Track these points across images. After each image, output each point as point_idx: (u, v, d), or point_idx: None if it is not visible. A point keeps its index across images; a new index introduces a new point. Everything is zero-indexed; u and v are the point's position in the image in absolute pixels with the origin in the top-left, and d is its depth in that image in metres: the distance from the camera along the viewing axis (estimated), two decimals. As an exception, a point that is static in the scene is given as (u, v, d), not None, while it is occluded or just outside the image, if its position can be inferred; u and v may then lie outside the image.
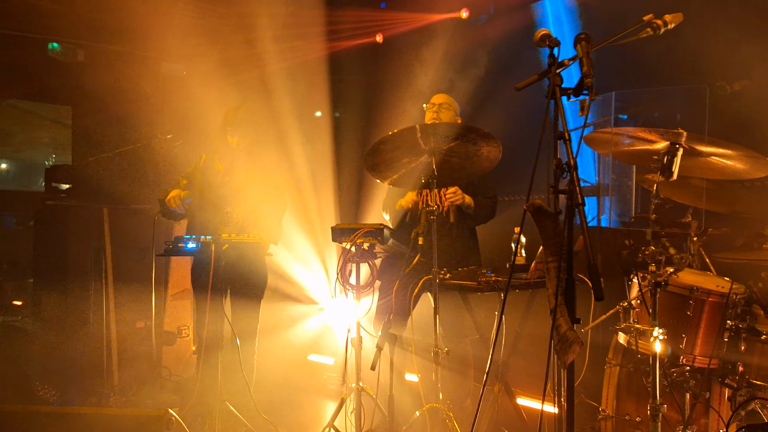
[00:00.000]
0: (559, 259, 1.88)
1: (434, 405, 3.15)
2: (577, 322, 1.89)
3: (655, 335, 2.68)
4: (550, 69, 2.00)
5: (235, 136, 3.92)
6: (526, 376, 4.07)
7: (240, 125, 3.91)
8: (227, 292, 3.78)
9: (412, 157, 3.22)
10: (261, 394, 3.81)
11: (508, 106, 4.70)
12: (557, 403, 2.04)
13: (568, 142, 1.89)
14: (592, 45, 2.01)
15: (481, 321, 3.74)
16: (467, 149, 3.14)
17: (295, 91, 6.10)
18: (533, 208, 1.90)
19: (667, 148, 2.76)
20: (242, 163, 3.98)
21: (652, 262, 2.74)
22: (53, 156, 7.66)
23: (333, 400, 4.88)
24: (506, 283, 3.17)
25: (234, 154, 3.96)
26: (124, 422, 2.88)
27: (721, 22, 3.78)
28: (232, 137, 3.93)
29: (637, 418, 3.08)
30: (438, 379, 3.15)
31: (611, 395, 3.20)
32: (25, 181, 7.87)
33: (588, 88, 1.91)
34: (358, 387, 3.36)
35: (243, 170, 3.97)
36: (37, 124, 7.47)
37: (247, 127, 3.93)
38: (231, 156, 3.97)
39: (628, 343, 3.04)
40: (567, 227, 1.88)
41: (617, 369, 3.20)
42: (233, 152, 3.96)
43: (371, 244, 3.32)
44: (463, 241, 3.94)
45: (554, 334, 1.87)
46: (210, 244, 3.47)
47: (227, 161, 3.97)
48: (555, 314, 1.86)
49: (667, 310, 2.93)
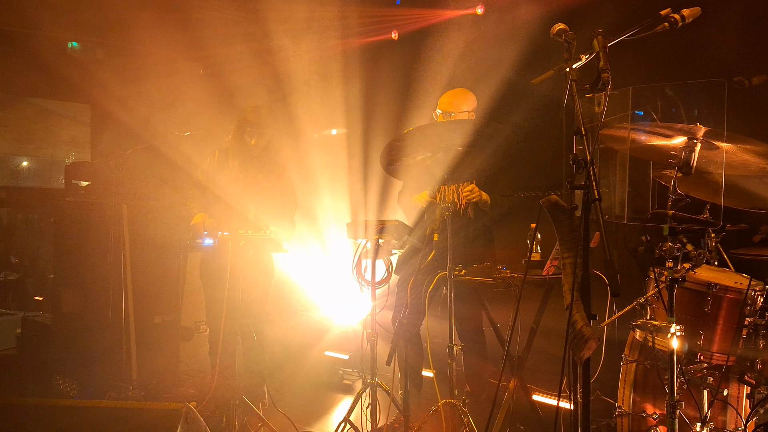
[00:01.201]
0: (575, 254, 1.88)
1: (449, 400, 3.16)
2: (593, 318, 1.89)
3: (672, 332, 2.66)
4: (567, 64, 1.99)
5: (254, 136, 3.93)
6: (542, 373, 4.07)
7: (260, 125, 3.92)
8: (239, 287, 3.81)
9: (427, 154, 3.22)
10: (277, 389, 3.84)
11: (523, 101, 4.68)
12: (573, 400, 2.04)
13: (585, 137, 1.88)
14: (608, 40, 2.00)
15: (497, 317, 3.74)
16: (483, 144, 3.13)
17: (310, 90, 6.12)
18: (549, 204, 1.90)
19: (684, 144, 2.74)
20: (257, 161, 4.01)
21: (669, 259, 2.72)
22: (73, 153, 7.75)
23: (348, 395, 4.90)
24: (521, 280, 3.17)
25: (249, 153, 3.99)
26: (142, 416, 2.92)
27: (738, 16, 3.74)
28: (250, 137, 3.93)
29: (654, 415, 3.07)
30: (453, 375, 3.15)
31: (627, 392, 3.19)
32: (45, 179, 7.97)
33: (605, 82, 1.90)
34: (373, 382, 3.38)
35: (257, 169, 4.00)
36: (56, 122, 7.57)
37: (266, 128, 3.95)
38: (246, 154, 3.99)
39: (644, 340, 3.03)
40: (583, 223, 1.87)
41: (633, 366, 3.19)
42: (249, 150, 3.98)
43: (386, 240, 3.33)
44: (478, 238, 3.94)
45: (570, 330, 1.87)
46: (227, 240, 3.50)
47: (241, 159, 4.00)
48: (571, 310, 1.85)
49: (684, 306, 2.91)
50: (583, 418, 1.95)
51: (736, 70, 3.63)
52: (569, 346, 1.87)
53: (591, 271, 1.93)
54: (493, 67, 5.16)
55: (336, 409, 4.63)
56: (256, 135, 3.93)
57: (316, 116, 6.14)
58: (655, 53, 4.02)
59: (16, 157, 7.80)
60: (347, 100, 6.17)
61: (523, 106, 4.65)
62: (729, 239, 3.27)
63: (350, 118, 6.17)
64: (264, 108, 4.00)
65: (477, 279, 3.37)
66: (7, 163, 7.79)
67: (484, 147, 3.15)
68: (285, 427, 3.77)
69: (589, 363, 1.92)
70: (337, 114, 6.17)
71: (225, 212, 3.88)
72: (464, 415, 3.14)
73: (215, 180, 3.96)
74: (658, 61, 4.14)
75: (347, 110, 6.17)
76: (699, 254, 2.80)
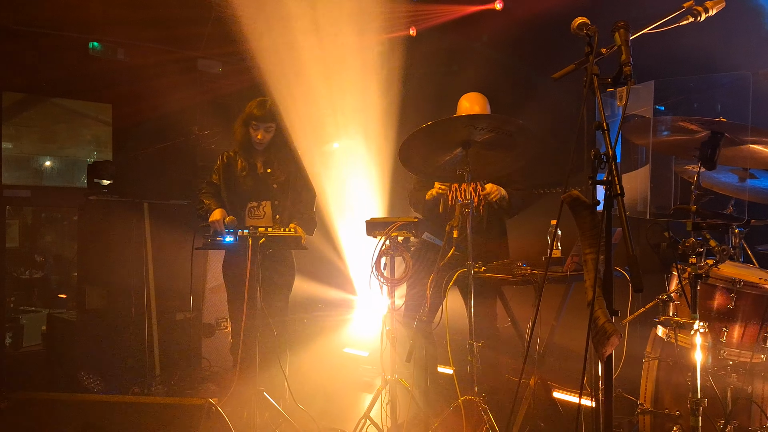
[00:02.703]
0: (596, 250, 1.86)
1: (469, 397, 3.15)
2: (616, 315, 1.87)
3: (695, 328, 2.63)
4: (588, 58, 1.97)
5: (259, 130, 3.93)
6: (562, 370, 4.04)
7: (266, 119, 3.92)
8: (260, 284, 3.83)
9: (446, 150, 3.21)
10: (297, 386, 3.85)
11: (543, 97, 4.65)
12: (595, 397, 2.02)
13: (607, 132, 1.86)
14: (631, 33, 1.98)
15: (517, 314, 3.72)
16: (502, 141, 3.12)
17: (330, 85, 6.13)
18: (570, 199, 1.88)
19: (708, 138, 2.70)
20: (266, 156, 4.02)
21: (692, 255, 2.69)
22: (95, 153, 7.84)
23: (368, 392, 4.91)
24: (542, 276, 3.15)
25: (256, 148, 4.00)
26: (166, 411, 2.94)
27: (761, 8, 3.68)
28: (256, 131, 3.93)
29: (676, 412, 3.03)
30: (473, 372, 3.14)
31: (650, 389, 3.16)
32: (68, 178, 8.07)
33: (627, 76, 1.88)
34: (393, 379, 3.38)
35: (267, 164, 4.02)
36: (79, 122, 7.66)
37: (272, 121, 3.95)
38: (253, 150, 4.01)
39: (667, 337, 3.00)
40: (605, 218, 1.86)
41: (656, 363, 3.16)
42: (256, 146, 3.99)
43: (405, 237, 3.33)
44: (494, 235, 3.92)
45: (592, 326, 1.85)
46: (247, 237, 3.52)
47: (249, 156, 4.01)
48: (593, 306, 1.84)
49: (707, 303, 2.88)
50: (604, 415, 1.94)
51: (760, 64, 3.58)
52: (591, 343, 1.86)
53: (613, 268, 1.91)
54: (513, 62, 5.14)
55: (356, 406, 4.65)
56: (262, 128, 3.93)
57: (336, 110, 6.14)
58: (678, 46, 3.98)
59: (39, 156, 7.91)
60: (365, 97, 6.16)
61: (542, 101, 4.63)
62: (753, 235, 3.23)
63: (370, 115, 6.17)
64: (268, 101, 3.99)
65: (497, 276, 3.35)
66: (31, 163, 7.90)
67: (504, 144, 3.13)
68: (305, 423, 3.78)
69: (611, 360, 1.91)
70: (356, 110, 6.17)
71: (238, 210, 3.90)
72: (484, 411, 3.13)
73: (226, 182, 3.99)
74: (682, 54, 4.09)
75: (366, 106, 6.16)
76: (723, 250, 2.76)
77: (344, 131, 6.19)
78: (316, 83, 6.05)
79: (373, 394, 3.49)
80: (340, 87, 6.19)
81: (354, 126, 6.22)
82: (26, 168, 7.87)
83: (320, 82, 6.06)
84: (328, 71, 6.14)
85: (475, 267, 3.23)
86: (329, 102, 6.09)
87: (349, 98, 6.21)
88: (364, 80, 6.16)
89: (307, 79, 6.02)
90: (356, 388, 5.06)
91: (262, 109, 3.92)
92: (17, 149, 7.60)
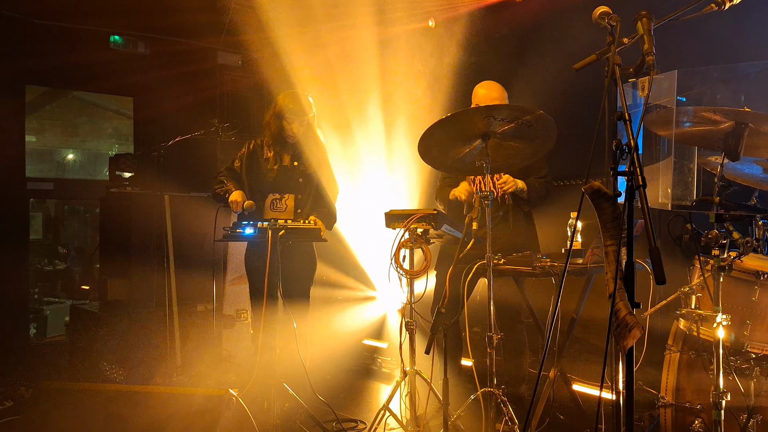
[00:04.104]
0: (618, 242, 1.84)
1: (489, 389, 3.15)
2: (637, 307, 1.85)
3: (718, 321, 2.60)
4: (609, 48, 1.95)
5: (293, 123, 3.94)
6: (582, 363, 4.02)
7: (299, 111, 3.92)
8: (281, 276, 3.85)
9: (465, 142, 3.20)
10: (317, 377, 3.88)
11: (562, 87, 4.61)
12: (615, 390, 2.01)
13: (629, 122, 1.84)
14: (653, 22, 1.95)
15: (537, 306, 3.71)
16: (522, 132, 3.10)
17: (349, 77, 6.13)
18: (591, 191, 1.86)
19: (732, 129, 2.66)
20: (295, 149, 4.03)
21: (715, 246, 2.66)
22: (116, 146, 7.92)
23: (387, 383, 4.93)
24: (562, 269, 3.13)
25: (286, 141, 4.01)
26: (187, 401, 2.98)
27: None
28: (289, 123, 3.94)
29: (698, 405, 3.01)
30: (493, 364, 3.14)
31: (671, 382, 3.13)
32: (90, 171, 8.16)
33: (649, 66, 1.86)
34: (412, 371, 3.39)
35: (295, 157, 4.02)
36: (100, 115, 7.74)
37: (305, 114, 3.96)
38: (283, 142, 4.01)
39: (689, 330, 2.97)
40: (626, 210, 1.84)
41: (677, 356, 3.13)
42: (286, 138, 4.00)
43: (425, 229, 3.33)
44: (518, 227, 3.90)
45: (613, 318, 1.84)
46: (267, 230, 3.54)
47: (279, 148, 4.02)
48: (614, 298, 1.82)
49: (730, 295, 2.84)
50: (625, 408, 1.92)
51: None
52: (612, 335, 1.84)
53: (635, 260, 1.89)
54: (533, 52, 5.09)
55: (375, 397, 4.67)
56: (296, 121, 3.93)
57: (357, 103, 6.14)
58: (701, 35, 3.92)
59: (62, 149, 8.01)
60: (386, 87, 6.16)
61: (563, 93, 4.59)
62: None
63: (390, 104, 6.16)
64: (301, 94, 4.00)
65: (516, 268, 3.34)
66: (54, 156, 8.00)
67: (524, 134, 3.11)
68: (325, 414, 3.81)
69: (632, 352, 1.89)
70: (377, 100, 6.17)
71: (260, 202, 3.92)
72: (504, 404, 3.13)
73: (249, 170, 4.00)
74: (704, 43, 4.03)
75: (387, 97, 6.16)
76: (746, 242, 2.72)
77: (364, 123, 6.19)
78: (337, 75, 6.05)
79: (392, 385, 3.50)
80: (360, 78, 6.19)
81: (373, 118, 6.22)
82: (49, 161, 7.97)
83: (340, 75, 6.06)
84: (349, 63, 6.14)
85: (495, 259, 3.22)
86: (349, 94, 6.09)
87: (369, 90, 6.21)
88: (384, 72, 6.15)
89: (326, 71, 6.02)
90: (375, 380, 5.08)
91: (295, 102, 3.93)
92: (40, 142, 7.70)
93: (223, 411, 2.91)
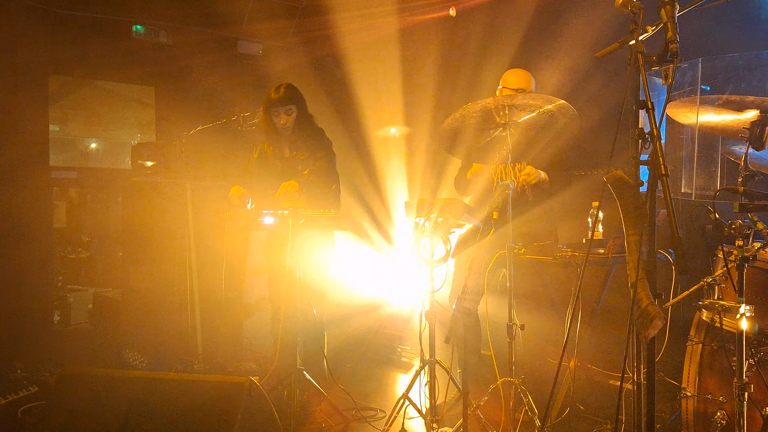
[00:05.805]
0: (640, 232, 1.83)
1: (508, 379, 3.15)
2: (659, 298, 1.84)
3: (741, 312, 2.57)
4: (633, 35, 1.93)
5: (280, 114, 3.98)
6: (603, 353, 4.00)
7: (283, 101, 3.96)
8: (301, 265, 3.87)
9: (486, 131, 3.18)
10: (336, 365, 3.91)
11: (585, 75, 4.56)
12: (636, 381, 2.00)
13: (652, 111, 1.82)
14: (677, 9, 1.92)
15: (557, 296, 3.69)
16: (544, 122, 3.08)
17: (368, 67, 6.12)
18: (613, 180, 1.85)
19: (757, 118, 2.62)
20: (288, 141, 4.06)
21: (739, 237, 2.62)
22: (138, 135, 7.97)
23: (406, 372, 4.95)
24: (583, 259, 3.11)
25: (279, 134, 4.05)
26: (208, 388, 3.01)
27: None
28: (277, 117, 3.98)
29: (720, 397, 2.98)
30: (512, 354, 3.14)
31: (693, 374, 3.10)
32: (112, 159, 8.23)
33: (673, 54, 1.83)
34: (432, 360, 3.39)
35: (291, 149, 4.06)
36: (122, 104, 7.79)
37: (291, 104, 3.99)
38: (278, 136, 4.06)
39: (711, 320, 2.94)
40: (649, 199, 1.82)
41: (699, 347, 3.10)
42: (279, 132, 4.04)
43: (445, 218, 3.32)
44: (539, 217, 3.88)
45: (634, 308, 1.83)
46: (287, 218, 3.56)
47: (274, 143, 4.08)
48: (636, 288, 1.81)
49: (754, 286, 2.80)
50: (647, 399, 1.92)
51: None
52: (633, 325, 1.83)
53: (657, 249, 1.88)
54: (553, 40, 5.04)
55: (395, 386, 4.69)
56: (282, 113, 3.97)
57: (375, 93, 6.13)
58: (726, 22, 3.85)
59: (85, 138, 8.09)
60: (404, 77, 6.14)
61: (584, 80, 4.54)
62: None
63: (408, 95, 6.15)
64: (283, 86, 4.02)
65: (537, 258, 3.32)
66: (77, 145, 8.09)
67: (545, 124, 3.09)
68: (344, 402, 3.84)
69: (654, 343, 1.88)
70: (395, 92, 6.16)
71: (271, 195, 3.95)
72: (524, 394, 3.13)
73: (259, 174, 4.07)
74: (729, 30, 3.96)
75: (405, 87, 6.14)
76: (771, 232, 2.68)
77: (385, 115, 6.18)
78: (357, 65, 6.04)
79: (412, 374, 3.51)
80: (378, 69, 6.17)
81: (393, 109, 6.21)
82: (72, 150, 8.05)
83: (360, 64, 6.05)
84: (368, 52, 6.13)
85: (516, 249, 3.21)
86: (369, 84, 6.09)
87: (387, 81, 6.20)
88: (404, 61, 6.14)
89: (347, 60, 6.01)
90: (395, 369, 5.10)
91: (278, 93, 3.97)
92: (63, 132, 7.78)
93: (243, 398, 2.93)
